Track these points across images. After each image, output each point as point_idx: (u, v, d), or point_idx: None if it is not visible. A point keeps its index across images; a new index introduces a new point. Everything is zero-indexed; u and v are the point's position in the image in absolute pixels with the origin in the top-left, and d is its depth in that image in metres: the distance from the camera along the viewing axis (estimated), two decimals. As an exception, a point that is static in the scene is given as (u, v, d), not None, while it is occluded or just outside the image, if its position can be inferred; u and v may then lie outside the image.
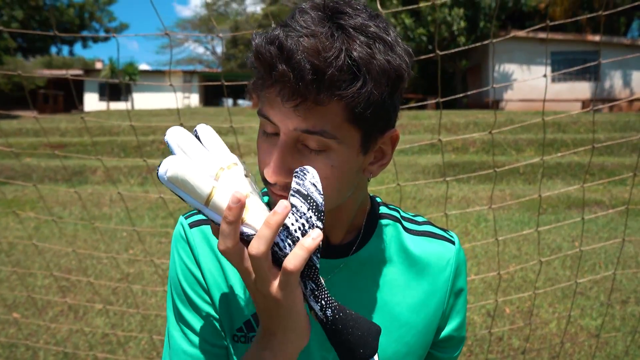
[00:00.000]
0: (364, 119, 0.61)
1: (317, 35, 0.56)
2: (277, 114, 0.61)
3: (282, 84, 0.58)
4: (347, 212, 0.76)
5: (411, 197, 7.06)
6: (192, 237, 0.78)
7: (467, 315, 2.64)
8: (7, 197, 7.50)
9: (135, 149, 10.29)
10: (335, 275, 0.77)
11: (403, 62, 0.63)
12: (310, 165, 0.60)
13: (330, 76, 0.56)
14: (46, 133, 12.21)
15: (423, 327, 0.80)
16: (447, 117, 12.90)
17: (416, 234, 0.83)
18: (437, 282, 0.81)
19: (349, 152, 0.63)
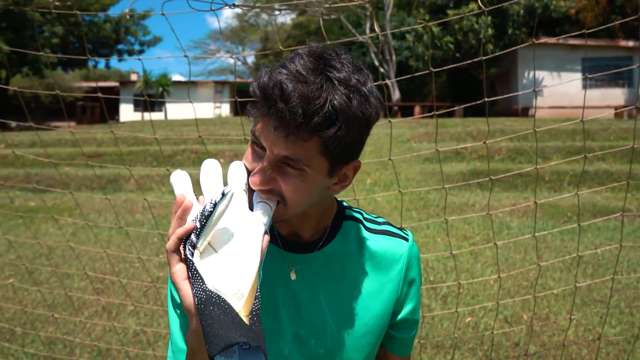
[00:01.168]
0: (334, 154, 0.78)
1: (309, 83, 0.72)
2: (267, 139, 0.77)
3: (279, 119, 0.73)
4: (313, 216, 0.92)
5: (434, 205, 7.12)
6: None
7: (482, 320, 2.72)
8: (47, 204, 7.88)
9: (167, 158, 10.64)
10: (304, 267, 0.93)
11: (374, 110, 0.79)
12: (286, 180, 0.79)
13: (315, 122, 0.72)
14: (83, 143, 12.71)
15: (379, 311, 0.95)
16: (474, 124, 12.86)
17: (375, 232, 0.99)
18: (391, 273, 0.96)
19: (318, 175, 0.80)
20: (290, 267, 0.93)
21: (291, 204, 0.82)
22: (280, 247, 0.94)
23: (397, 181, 5.23)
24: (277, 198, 0.81)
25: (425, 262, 5.07)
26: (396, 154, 10.47)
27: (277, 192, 0.81)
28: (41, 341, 3.69)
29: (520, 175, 8.38)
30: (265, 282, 0.92)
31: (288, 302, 0.93)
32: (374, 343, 0.96)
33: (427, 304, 4.18)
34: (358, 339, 0.94)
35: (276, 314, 0.92)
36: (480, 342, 3.55)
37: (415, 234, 6.00)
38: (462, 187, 8.09)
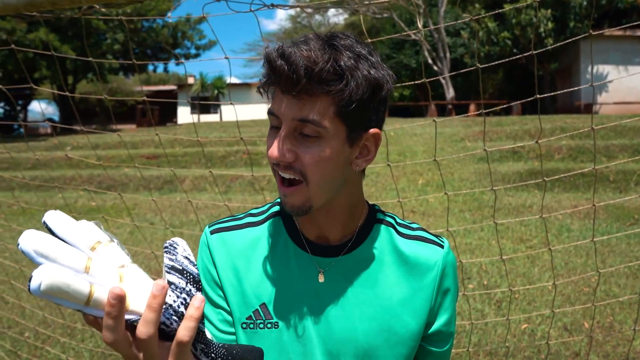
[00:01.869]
0: (348, 115, 0.76)
1: (313, 49, 0.73)
2: (280, 107, 0.77)
3: (281, 77, 0.73)
4: (341, 210, 0.88)
5: (489, 206, 6.89)
6: (211, 242, 0.94)
7: (539, 327, 2.58)
8: (107, 204, 8.24)
9: (221, 159, 10.87)
10: (332, 270, 0.89)
11: (384, 76, 0.78)
12: (305, 151, 0.77)
13: (319, 72, 0.72)
14: (142, 145, 13.21)
15: (411, 320, 0.90)
16: (532, 122, 12.38)
17: (409, 238, 0.93)
18: (424, 281, 0.91)
19: (337, 142, 0.78)
20: (318, 270, 0.90)
21: (313, 178, 0.79)
22: (307, 251, 0.90)
23: (442, 183, 5.09)
24: (297, 175, 0.79)
25: (479, 266, 4.91)
26: (449, 154, 10.23)
27: (298, 168, 0.79)
28: (99, 337, 3.84)
29: (583, 175, 7.99)
30: (292, 289, 0.89)
31: (315, 307, 0.89)
32: (407, 355, 0.91)
33: (480, 309, 4.04)
34: (389, 349, 0.89)
35: (303, 319, 0.89)
36: (537, 351, 3.39)
37: (469, 236, 5.82)
38: (519, 188, 7.79)
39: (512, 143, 9.91)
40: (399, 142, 11.63)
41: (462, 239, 5.74)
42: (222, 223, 0.97)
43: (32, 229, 0.56)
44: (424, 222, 6.46)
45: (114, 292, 0.55)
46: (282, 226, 0.94)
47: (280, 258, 0.91)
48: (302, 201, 0.80)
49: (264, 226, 0.95)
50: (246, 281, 0.91)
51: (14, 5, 1.69)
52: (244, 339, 0.90)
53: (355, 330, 0.88)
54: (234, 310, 0.91)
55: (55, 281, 0.53)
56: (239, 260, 0.92)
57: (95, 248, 0.60)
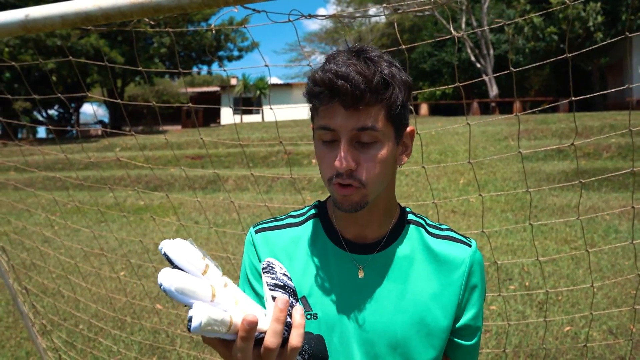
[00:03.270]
0: (395, 116, 0.86)
1: (356, 64, 0.82)
2: (337, 120, 0.84)
3: (345, 96, 0.81)
4: (380, 209, 0.97)
5: (532, 206, 6.75)
6: (256, 241, 1.04)
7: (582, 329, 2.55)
8: (154, 204, 8.55)
9: (263, 159, 11.06)
10: (369, 267, 0.97)
11: (408, 78, 0.89)
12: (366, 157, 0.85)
13: (376, 84, 0.81)
14: (187, 146, 13.58)
15: (441, 313, 0.97)
16: (579, 120, 12.00)
17: (438, 237, 1.01)
18: (453, 277, 0.98)
19: (390, 142, 0.88)
20: (358, 266, 0.97)
21: (372, 179, 0.87)
22: (345, 249, 0.98)
23: (478, 184, 5.03)
24: (356, 183, 0.86)
25: (521, 267, 4.84)
26: (492, 153, 10.06)
27: (357, 177, 0.86)
28: (146, 330, 4.03)
29: (634, 174, 7.69)
30: (332, 283, 0.97)
31: (352, 301, 0.97)
32: (437, 346, 0.97)
33: (521, 310, 3.99)
34: (420, 340, 0.96)
35: (340, 312, 0.97)
36: (580, 354, 3.33)
37: (511, 236, 5.73)
38: (564, 188, 7.59)
39: (557, 141, 9.65)
40: (440, 142, 11.51)
41: (504, 239, 5.67)
42: (265, 223, 1.07)
43: (167, 268, 0.65)
44: (465, 222, 6.40)
45: (249, 320, 0.63)
46: (320, 226, 1.02)
47: (319, 255, 1.00)
48: (359, 199, 0.88)
49: (303, 226, 1.04)
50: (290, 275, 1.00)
51: (72, 20, 1.82)
52: None
53: (389, 322, 0.95)
54: None
55: (208, 319, 0.62)
56: (281, 256, 1.01)
57: (206, 272, 0.68)
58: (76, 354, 3.61)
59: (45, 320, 3.73)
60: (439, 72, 25.82)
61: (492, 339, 3.57)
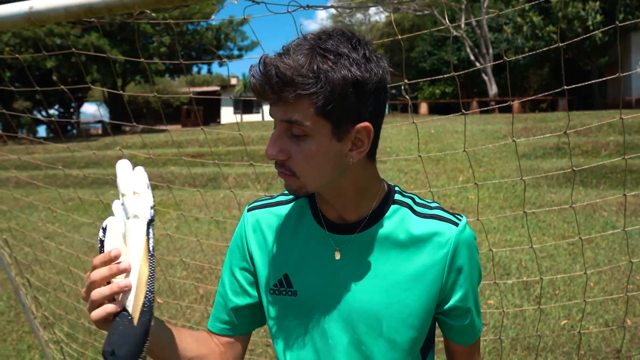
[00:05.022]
0: (329, 113, 0.81)
1: (292, 56, 0.79)
2: (270, 112, 0.85)
3: (264, 90, 0.80)
4: (351, 193, 0.95)
5: (530, 202, 6.79)
6: (246, 219, 1.08)
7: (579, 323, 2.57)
8: (155, 200, 8.57)
9: (263, 157, 11.08)
10: (348, 247, 0.97)
11: (368, 72, 0.82)
12: (296, 149, 0.84)
13: (296, 82, 0.78)
14: (187, 144, 13.62)
15: (422, 294, 0.96)
16: (578, 118, 12.04)
17: (424, 217, 0.98)
18: (435, 257, 0.95)
19: (323, 138, 0.83)
20: (335, 248, 0.98)
21: (302, 173, 0.86)
22: (324, 228, 0.99)
23: (472, 171, 5.07)
24: (287, 172, 0.87)
25: (519, 262, 4.88)
26: (491, 151, 10.09)
27: (288, 166, 0.86)
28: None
29: (631, 172, 7.73)
30: (310, 262, 0.99)
31: (331, 280, 0.97)
32: (417, 327, 0.97)
33: (518, 304, 4.03)
34: (401, 321, 0.96)
35: (320, 293, 0.98)
36: (577, 347, 3.37)
37: (509, 232, 5.77)
38: (562, 185, 7.63)
39: (556, 139, 9.68)
40: (440, 140, 11.55)
41: (502, 235, 5.70)
42: (259, 202, 1.10)
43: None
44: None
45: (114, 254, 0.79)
46: (307, 206, 1.03)
47: (302, 234, 1.01)
48: (297, 187, 0.88)
49: (292, 205, 1.05)
50: (273, 253, 1.03)
51: (76, 12, 1.85)
52: (271, 302, 1.03)
53: (368, 302, 0.96)
54: (263, 277, 1.04)
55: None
56: (268, 234, 1.05)
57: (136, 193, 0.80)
58: (78, 346, 3.64)
59: (48, 313, 3.76)
60: (439, 71, 25.87)
61: (489, 332, 3.61)
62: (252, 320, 1.09)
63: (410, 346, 0.98)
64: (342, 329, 0.97)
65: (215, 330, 1.09)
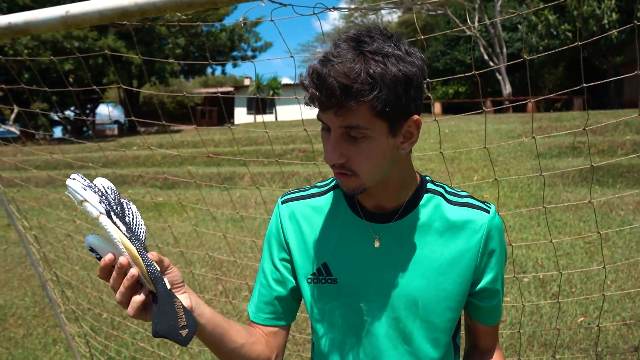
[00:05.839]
0: (386, 113, 0.84)
1: (345, 62, 0.81)
2: (325, 117, 0.88)
3: (322, 100, 0.83)
4: (393, 184, 1.01)
5: (546, 202, 6.78)
6: (282, 211, 1.12)
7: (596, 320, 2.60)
8: (172, 200, 8.69)
9: (278, 156, 11.16)
10: (386, 235, 1.03)
11: (414, 66, 0.85)
12: (355, 151, 0.88)
13: (355, 89, 0.80)
14: (203, 144, 13.74)
15: (458, 277, 1.02)
16: (593, 117, 11.94)
17: (456, 205, 1.04)
18: (470, 242, 1.02)
19: (381, 137, 0.88)
20: (374, 236, 1.03)
21: (364, 172, 0.90)
22: (363, 218, 1.04)
23: (491, 165, 5.09)
24: (349, 172, 0.91)
25: (535, 260, 4.89)
26: (506, 150, 10.07)
27: (349, 167, 0.89)
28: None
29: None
30: (349, 251, 1.04)
31: (371, 267, 1.03)
32: (454, 308, 1.03)
33: (535, 301, 4.05)
34: (438, 303, 1.02)
35: (360, 280, 1.04)
36: (594, 344, 3.39)
37: (524, 231, 5.78)
38: (579, 184, 7.60)
39: (572, 138, 9.63)
40: (454, 139, 11.54)
41: (517, 234, 5.72)
42: (292, 194, 1.14)
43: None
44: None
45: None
46: (342, 197, 1.08)
47: (339, 224, 1.06)
48: (355, 186, 0.92)
49: (326, 196, 1.10)
50: (310, 244, 1.08)
51: (109, 16, 1.93)
52: (309, 292, 1.08)
53: (407, 286, 1.02)
54: (301, 267, 1.08)
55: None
56: (304, 226, 1.09)
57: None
58: (102, 339, 3.74)
59: (75, 306, 3.87)
60: (452, 70, 25.77)
61: (506, 328, 3.64)
62: (294, 308, 1.14)
63: (448, 327, 1.05)
64: (382, 313, 1.03)
65: (259, 321, 1.12)
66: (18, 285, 5.34)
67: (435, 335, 1.04)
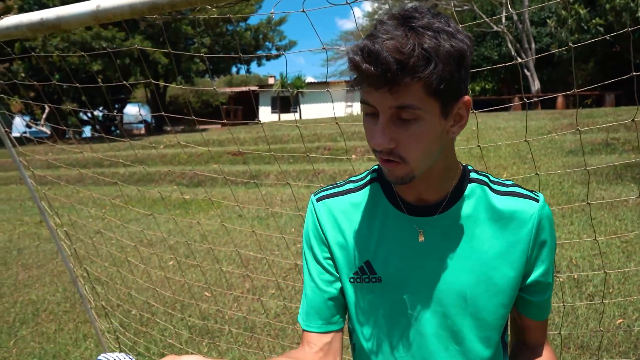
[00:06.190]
0: (440, 92, 0.79)
1: (395, 37, 0.76)
2: (376, 99, 0.81)
3: (376, 77, 0.77)
4: (438, 174, 0.95)
5: (579, 200, 6.60)
6: (318, 209, 1.06)
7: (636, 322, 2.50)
8: (198, 198, 8.76)
9: (303, 155, 11.17)
10: (430, 229, 0.97)
11: (464, 44, 0.81)
12: (406, 134, 0.82)
13: (411, 64, 0.75)
14: (228, 143, 13.83)
15: (509, 272, 0.96)
16: (627, 113, 11.60)
17: (503, 194, 0.98)
18: (520, 234, 0.95)
19: (433, 118, 0.82)
20: (418, 230, 0.97)
21: (414, 156, 0.84)
22: (405, 212, 0.98)
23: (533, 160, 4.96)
24: (397, 159, 0.85)
25: (569, 260, 4.75)
26: (536, 147, 9.85)
27: (397, 153, 0.84)
28: (197, 316, 4.16)
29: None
30: (392, 247, 0.98)
31: (416, 263, 0.97)
32: (506, 304, 0.97)
33: (570, 302, 3.93)
34: (489, 299, 0.96)
35: (406, 277, 0.98)
36: (634, 346, 3.26)
37: (558, 230, 5.62)
38: (613, 182, 7.37)
39: (604, 135, 9.36)
40: (482, 137, 11.35)
41: (550, 232, 5.57)
42: (326, 191, 1.08)
43: None
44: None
45: None
46: (380, 190, 1.02)
47: (380, 219, 1.00)
48: (404, 174, 0.86)
49: (363, 191, 1.03)
50: (351, 242, 1.02)
51: (140, 9, 1.91)
52: (352, 292, 1.02)
53: (455, 282, 0.96)
54: (342, 267, 1.03)
55: None
56: (343, 223, 1.03)
57: None
58: (132, 335, 3.77)
59: (104, 302, 3.91)
60: (479, 67, 25.39)
61: (541, 329, 3.53)
62: (345, 309, 1.07)
63: (500, 324, 0.99)
64: (430, 311, 0.98)
65: (313, 329, 1.04)
66: (50, 281, 5.43)
67: (487, 333, 0.98)
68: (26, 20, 1.97)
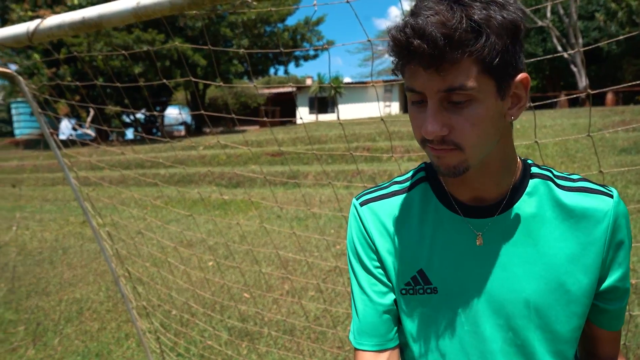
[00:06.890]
0: (494, 68, 0.71)
1: (440, 12, 0.68)
2: (423, 82, 0.73)
3: (423, 55, 0.69)
4: (496, 166, 0.84)
5: (634, 200, 6.25)
6: (362, 214, 0.95)
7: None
8: (237, 199, 8.80)
9: (342, 155, 11.06)
10: (490, 231, 0.86)
11: (517, 15, 0.72)
12: (459, 119, 0.73)
13: (459, 37, 0.68)
14: (266, 144, 13.89)
15: (583, 277, 0.84)
16: (684, 110, 11.00)
17: (570, 190, 0.86)
18: (594, 234, 0.84)
19: (488, 98, 0.74)
20: (475, 233, 0.87)
21: (469, 142, 0.75)
22: (460, 214, 0.88)
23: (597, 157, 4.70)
24: (451, 146, 0.76)
25: (625, 264, 4.48)
26: (585, 146, 9.46)
27: (451, 140, 0.75)
28: (235, 317, 4.13)
29: None
30: (448, 253, 0.88)
31: (476, 270, 0.87)
32: (581, 314, 0.86)
33: (629, 309, 3.69)
34: (561, 309, 0.85)
35: (465, 286, 0.87)
36: (703, 359, 3.03)
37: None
38: None
39: (660, 133, 8.87)
40: (527, 136, 10.98)
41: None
42: (369, 194, 0.98)
43: None
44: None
45: None
46: (430, 191, 0.92)
47: (432, 223, 0.90)
48: (457, 162, 0.77)
49: (411, 193, 0.94)
50: (401, 249, 0.91)
51: (180, 5, 1.87)
52: (404, 304, 0.92)
53: (521, 291, 0.85)
54: (392, 277, 0.93)
55: None
56: (391, 228, 0.93)
57: None
58: (172, 335, 3.76)
59: (146, 302, 3.92)
60: (522, 64, 24.70)
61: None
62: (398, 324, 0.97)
63: (575, 336, 0.88)
64: (494, 324, 0.87)
65: (367, 347, 0.95)
66: (93, 280, 5.53)
67: (560, 347, 0.87)
68: (68, 19, 1.97)
